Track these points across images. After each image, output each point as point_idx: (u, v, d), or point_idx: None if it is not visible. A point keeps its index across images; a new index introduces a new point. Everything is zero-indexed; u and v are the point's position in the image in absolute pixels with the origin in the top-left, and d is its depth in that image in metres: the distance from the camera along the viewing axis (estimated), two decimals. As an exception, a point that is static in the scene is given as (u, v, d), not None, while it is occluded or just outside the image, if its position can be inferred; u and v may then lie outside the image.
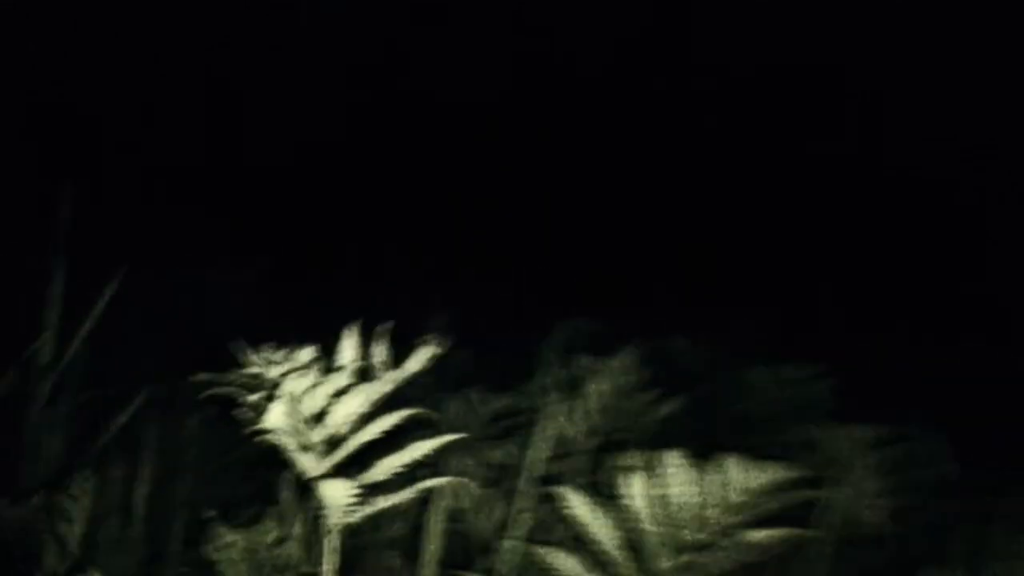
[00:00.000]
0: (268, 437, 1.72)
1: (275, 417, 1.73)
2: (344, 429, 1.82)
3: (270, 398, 1.77)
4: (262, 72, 6.32)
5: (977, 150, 6.27)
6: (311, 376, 1.84)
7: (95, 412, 2.31)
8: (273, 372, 1.82)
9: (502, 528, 2.06)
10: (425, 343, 1.90)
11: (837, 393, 2.59)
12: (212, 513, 2.01)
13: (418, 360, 1.89)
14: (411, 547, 2.13)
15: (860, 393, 2.66)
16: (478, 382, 2.63)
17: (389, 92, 6.71)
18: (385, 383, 1.85)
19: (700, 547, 1.80)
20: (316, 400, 1.82)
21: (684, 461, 1.85)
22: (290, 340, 1.94)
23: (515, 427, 2.39)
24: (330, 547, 1.80)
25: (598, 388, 2.24)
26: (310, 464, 1.76)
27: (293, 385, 1.80)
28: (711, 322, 3.10)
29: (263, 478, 2.13)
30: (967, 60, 6.39)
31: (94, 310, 2.30)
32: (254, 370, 1.82)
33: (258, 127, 6.15)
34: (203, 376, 1.83)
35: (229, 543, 1.96)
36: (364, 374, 1.90)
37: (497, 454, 2.22)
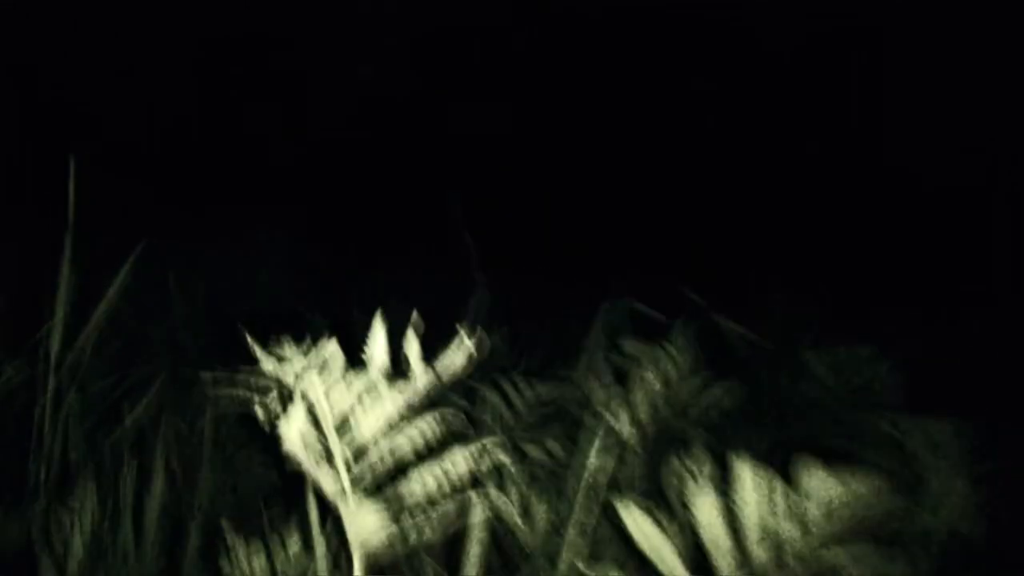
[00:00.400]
0: (286, 450, 1.34)
1: (291, 426, 1.34)
2: (372, 437, 1.43)
3: (286, 401, 1.39)
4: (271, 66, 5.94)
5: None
6: (334, 375, 1.45)
7: (107, 404, 1.93)
8: (290, 370, 1.43)
9: (549, 537, 1.67)
10: (463, 334, 1.51)
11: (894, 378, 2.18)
12: (229, 522, 1.62)
13: (457, 354, 1.50)
14: (447, 554, 1.74)
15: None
16: (515, 368, 2.24)
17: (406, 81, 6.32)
18: (419, 382, 1.46)
19: (777, 570, 1.41)
20: (340, 404, 1.43)
21: (755, 467, 1.44)
22: (313, 330, 1.55)
23: (559, 418, 2.00)
24: (358, 564, 1.42)
25: (652, 375, 1.85)
26: (332, 482, 1.37)
27: (313, 386, 1.41)
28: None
29: (288, 481, 1.74)
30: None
31: (107, 294, 1.92)
32: (268, 368, 1.43)
33: (276, 114, 5.76)
34: (210, 376, 1.45)
35: (248, 557, 1.57)
36: (395, 370, 1.52)
37: (541, 452, 1.83)
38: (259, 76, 5.83)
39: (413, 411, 1.48)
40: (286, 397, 1.40)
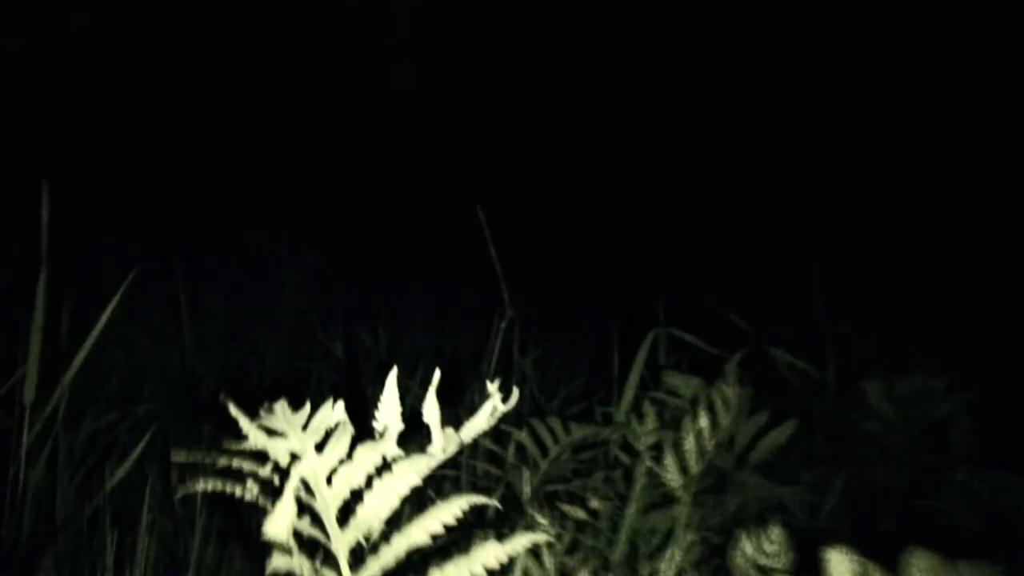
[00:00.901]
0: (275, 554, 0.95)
1: (279, 523, 0.95)
2: (382, 528, 1.04)
3: (277, 487, 1.00)
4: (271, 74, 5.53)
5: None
6: (337, 448, 1.05)
7: (89, 458, 1.54)
8: (283, 446, 1.04)
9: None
10: (491, 387, 1.12)
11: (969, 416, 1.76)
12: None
13: (483, 418, 1.10)
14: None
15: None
16: (546, 397, 1.83)
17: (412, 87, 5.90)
18: (438, 454, 1.07)
19: None
20: (344, 486, 1.04)
21: (849, 558, 1.03)
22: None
23: (599, 461, 1.60)
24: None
25: (704, 418, 1.45)
26: (330, 592, 0.98)
27: (310, 467, 1.02)
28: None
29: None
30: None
31: (90, 334, 1.52)
32: (256, 442, 1.04)
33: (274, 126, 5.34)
34: (182, 455, 1.06)
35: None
36: (412, 427, 1.12)
37: (581, 510, 1.43)
38: (266, 80, 5.42)
39: (434, 488, 1.09)
40: (275, 486, 1.01)
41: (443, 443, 1.09)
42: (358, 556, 1.04)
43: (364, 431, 1.16)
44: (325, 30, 5.96)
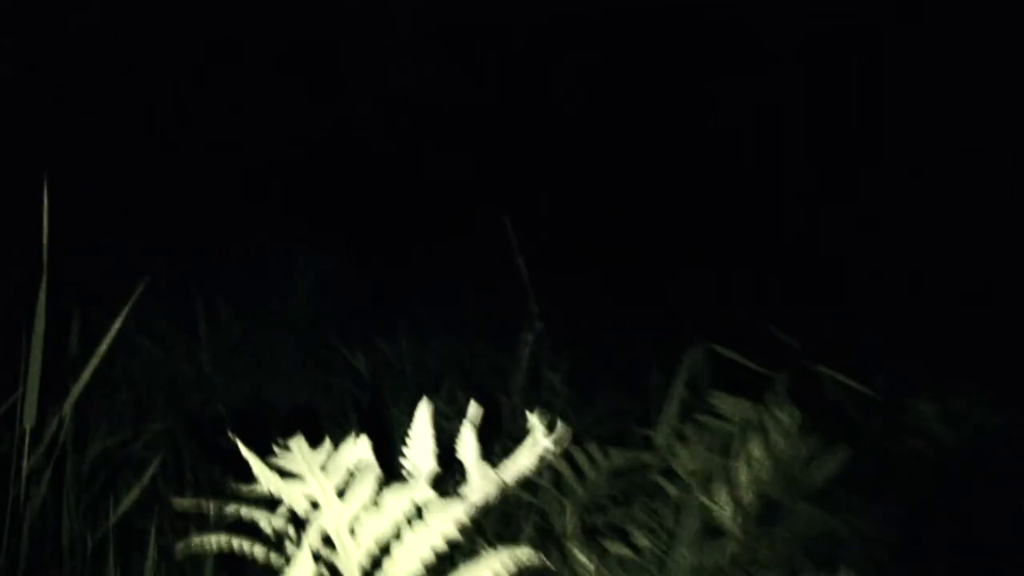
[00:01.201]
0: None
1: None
2: (413, 584, 0.88)
3: (291, 538, 0.86)
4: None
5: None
6: (362, 492, 0.90)
7: (100, 476, 1.38)
8: (300, 491, 0.88)
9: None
10: (535, 421, 0.97)
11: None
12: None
13: (528, 456, 0.95)
14: None
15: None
16: (580, 418, 1.68)
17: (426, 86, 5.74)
18: (476, 498, 0.92)
19: None
20: (368, 539, 0.89)
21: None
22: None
23: (637, 486, 1.45)
24: None
25: (757, 443, 1.30)
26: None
27: (331, 516, 0.87)
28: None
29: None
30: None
31: (97, 350, 1.37)
32: (270, 485, 0.89)
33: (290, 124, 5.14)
34: (184, 504, 0.90)
35: None
36: (444, 464, 0.98)
37: (623, 544, 1.28)
38: (273, 84, 5.25)
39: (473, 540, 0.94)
40: (289, 537, 0.85)
41: (482, 485, 0.94)
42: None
43: (387, 456, 1.01)
44: (325, 30, 5.81)
